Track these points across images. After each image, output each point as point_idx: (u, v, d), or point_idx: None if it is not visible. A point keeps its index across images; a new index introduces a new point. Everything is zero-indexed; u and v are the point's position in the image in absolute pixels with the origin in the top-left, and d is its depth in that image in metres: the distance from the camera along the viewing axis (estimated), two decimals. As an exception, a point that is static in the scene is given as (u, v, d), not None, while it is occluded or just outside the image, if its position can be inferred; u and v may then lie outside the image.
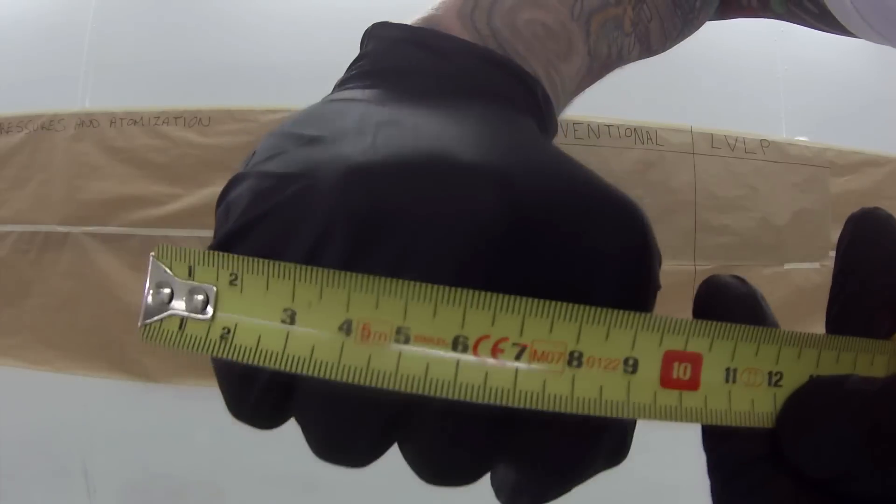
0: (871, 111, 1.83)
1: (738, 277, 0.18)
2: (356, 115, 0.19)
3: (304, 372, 0.15)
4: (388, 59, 0.22)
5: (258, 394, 0.17)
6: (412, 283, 0.15)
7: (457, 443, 0.17)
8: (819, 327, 0.17)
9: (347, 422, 0.17)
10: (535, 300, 0.15)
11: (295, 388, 0.17)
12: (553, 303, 0.15)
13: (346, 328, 0.15)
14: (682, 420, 0.16)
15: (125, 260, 1.47)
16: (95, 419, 1.49)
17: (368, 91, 0.21)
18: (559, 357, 0.15)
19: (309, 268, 0.16)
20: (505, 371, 0.15)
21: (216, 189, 0.23)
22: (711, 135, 1.63)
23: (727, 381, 0.16)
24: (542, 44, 0.25)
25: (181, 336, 0.16)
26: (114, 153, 1.49)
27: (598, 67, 0.29)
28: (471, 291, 0.15)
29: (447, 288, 0.15)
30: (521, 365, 0.15)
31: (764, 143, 1.66)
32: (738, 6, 0.36)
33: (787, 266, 1.65)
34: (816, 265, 1.67)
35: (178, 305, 0.16)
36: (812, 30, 0.35)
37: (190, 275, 0.16)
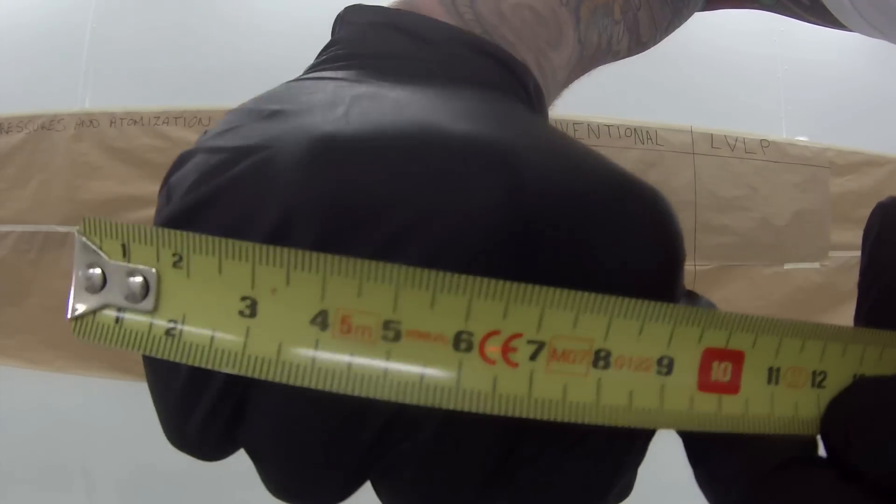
0: (871, 111, 1.83)
1: None
2: (328, 89, 0.16)
3: (271, 377, 0.13)
4: (363, 43, 0.20)
5: (206, 410, 0.14)
6: (404, 267, 0.12)
7: (451, 483, 0.14)
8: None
9: (312, 455, 0.14)
10: (558, 289, 0.13)
11: (247, 405, 0.14)
12: (578, 293, 0.13)
13: (320, 321, 0.12)
14: (719, 429, 0.14)
15: (125, 260, 1.47)
16: (95, 419, 1.48)
17: (343, 71, 0.18)
18: (583, 357, 0.13)
19: (272, 247, 0.13)
20: (518, 374, 0.13)
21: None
22: (711, 135, 1.62)
23: (769, 382, 0.14)
24: (532, 30, 0.22)
25: (119, 331, 0.13)
26: (114, 153, 1.49)
27: (588, 58, 0.26)
28: (478, 278, 0.12)
29: (447, 274, 0.12)
30: (537, 366, 0.13)
31: (764, 143, 1.66)
32: None
33: (787, 266, 1.65)
34: (816, 265, 1.67)
35: (113, 293, 0.13)
36: (808, 25, 0.35)
37: (124, 255, 0.13)
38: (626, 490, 0.16)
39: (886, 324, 0.16)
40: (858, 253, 0.18)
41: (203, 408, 0.14)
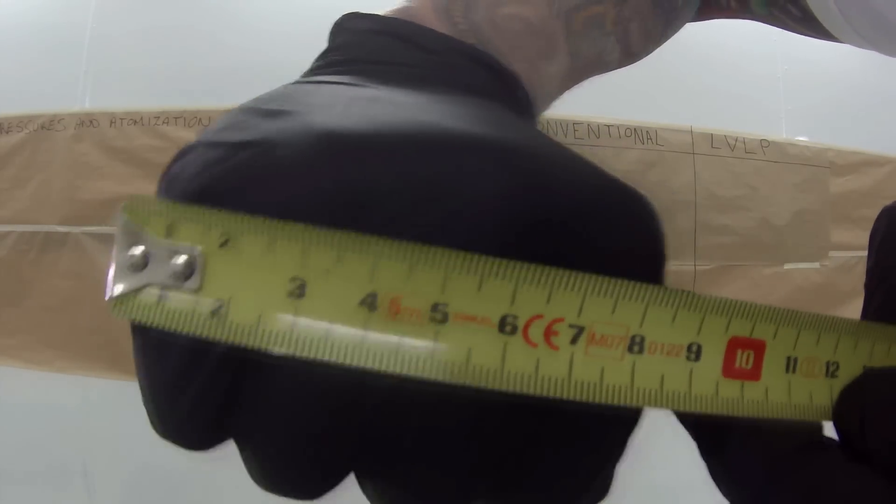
0: (871, 111, 1.83)
1: None
2: (327, 92, 0.17)
3: (320, 356, 0.13)
4: (360, 50, 0.20)
5: (197, 393, 0.14)
6: (454, 252, 0.13)
7: (439, 476, 0.14)
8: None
9: (304, 445, 0.14)
10: (598, 277, 0.13)
11: (241, 386, 0.14)
12: (616, 280, 0.13)
13: (369, 302, 0.13)
14: (742, 413, 0.14)
15: (125, 260, 1.47)
16: (95, 419, 1.48)
17: (340, 76, 0.19)
18: (619, 342, 0.14)
19: (324, 230, 0.13)
20: (559, 357, 0.13)
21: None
22: (711, 135, 1.62)
23: (787, 371, 0.15)
24: (524, 41, 0.23)
25: (161, 311, 0.13)
26: (114, 153, 1.49)
27: (579, 69, 0.27)
28: (524, 264, 0.13)
29: (496, 260, 0.13)
30: (577, 350, 0.13)
31: (764, 143, 1.66)
32: (716, 7, 0.35)
33: (787, 266, 1.65)
34: (816, 265, 1.67)
35: (156, 272, 0.13)
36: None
37: (169, 234, 0.13)
38: (604, 489, 0.16)
39: (893, 322, 0.16)
40: (858, 253, 0.18)
41: (194, 391, 0.14)
